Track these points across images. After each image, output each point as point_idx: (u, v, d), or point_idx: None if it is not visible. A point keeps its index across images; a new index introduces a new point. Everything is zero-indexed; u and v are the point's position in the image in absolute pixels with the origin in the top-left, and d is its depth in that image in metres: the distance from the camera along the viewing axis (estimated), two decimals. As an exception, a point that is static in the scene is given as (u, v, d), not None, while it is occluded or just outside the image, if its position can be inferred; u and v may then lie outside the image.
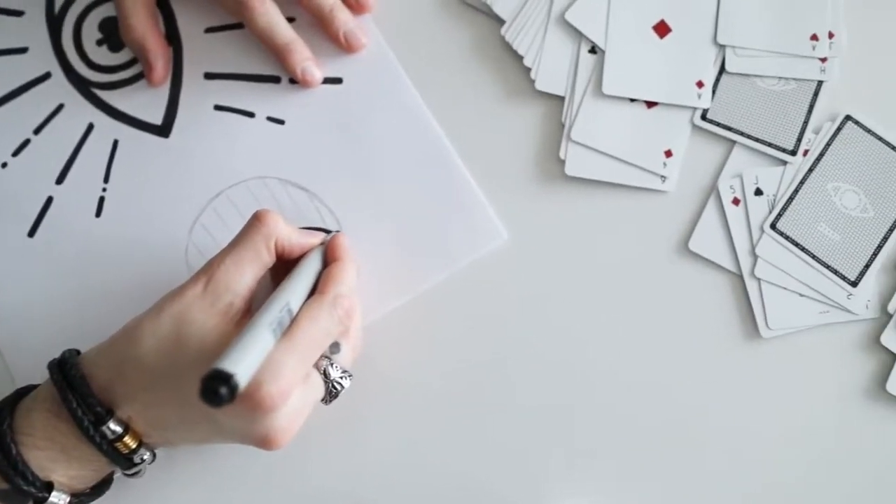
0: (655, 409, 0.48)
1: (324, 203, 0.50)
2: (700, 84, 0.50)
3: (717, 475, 0.47)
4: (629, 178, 0.50)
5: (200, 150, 0.51)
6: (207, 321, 0.41)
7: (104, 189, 0.51)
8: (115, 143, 0.52)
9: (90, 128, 0.52)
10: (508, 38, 0.51)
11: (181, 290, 0.42)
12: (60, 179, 0.51)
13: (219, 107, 0.52)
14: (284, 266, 0.45)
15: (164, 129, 0.52)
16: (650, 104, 0.50)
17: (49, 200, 0.51)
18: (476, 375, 0.48)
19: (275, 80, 0.52)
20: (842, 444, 0.47)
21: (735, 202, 0.49)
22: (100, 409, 0.41)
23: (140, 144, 0.52)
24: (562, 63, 0.51)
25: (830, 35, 0.50)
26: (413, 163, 0.50)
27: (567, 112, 0.50)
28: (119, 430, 0.41)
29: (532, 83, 0.50)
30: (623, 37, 0.51)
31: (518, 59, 0.51)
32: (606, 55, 0.50)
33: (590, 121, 0.50)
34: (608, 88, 0.50)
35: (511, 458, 0.48)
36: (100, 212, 0.51)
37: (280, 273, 0.45)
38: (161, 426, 0.42)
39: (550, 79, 0.51)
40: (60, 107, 0.52)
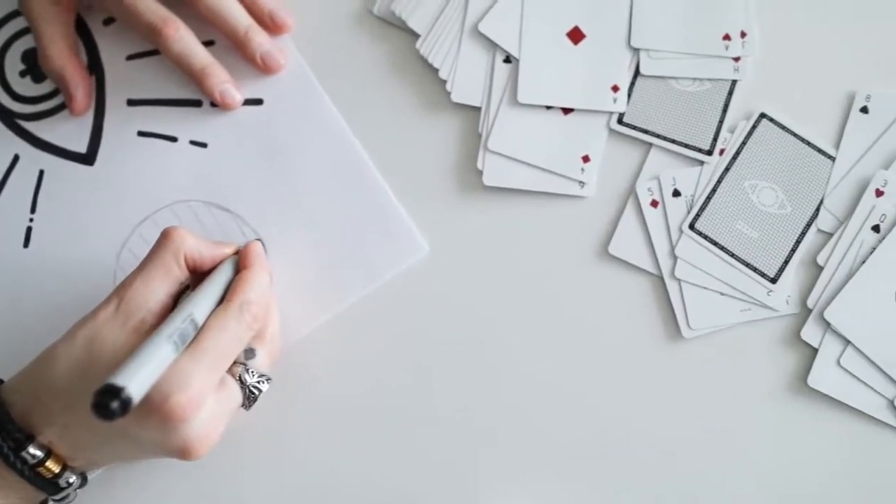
0: (581, 413, 0.48)
1: (247, 223, 0.51)
2: (615, 88, 0.51)
3: (644, 477, 0.47)
4: (548, 185, 0.50)
5: (125, 177, 0.52)
6: (118, 339, 0.42)
7: (31, 219, 0.52)
8: (41, 174, 0.52)
9: (16, 159, 0.53)
10: (423, 52, 0.51)
11: (94, 313, 0.43)
12: (-13, 212, 0.52)
13: (142, 133, 0.52)
14: (203, 279, 0.45)
15: (89, 158, 0.52)
16: (566, 111, 0.51)
17: (-23, 233, 0.52)
18: (402, 387, 0.49)
19: (196, 104, 0.52)
20: (766, 440, 0.47)
21: (653, 204, 0.50)
22: (19, 435, 0.42)
23: (65, 173, 0.52)
24: (477, 74, 0.51)
25: (743, 34, 0.50)
26: (334, 180, 0.51)
27: (483, 122, 0.51)
28: (40, 455, 0.42)
29: (448, 95, 0.51)
30: (537, 45, 0.51)
31: (434, 72, 0.51)
32: (521, 64, 0.51)
33: (506, 130, 0.50)
34: (523, 97, 0.50)
35: (438, 468, 0.48)
36: (28, 242, 0.52)
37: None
38: (82, 447, 0.43)
39: (466, 90, 0.51)
40: (-15, 140, 0.53)
